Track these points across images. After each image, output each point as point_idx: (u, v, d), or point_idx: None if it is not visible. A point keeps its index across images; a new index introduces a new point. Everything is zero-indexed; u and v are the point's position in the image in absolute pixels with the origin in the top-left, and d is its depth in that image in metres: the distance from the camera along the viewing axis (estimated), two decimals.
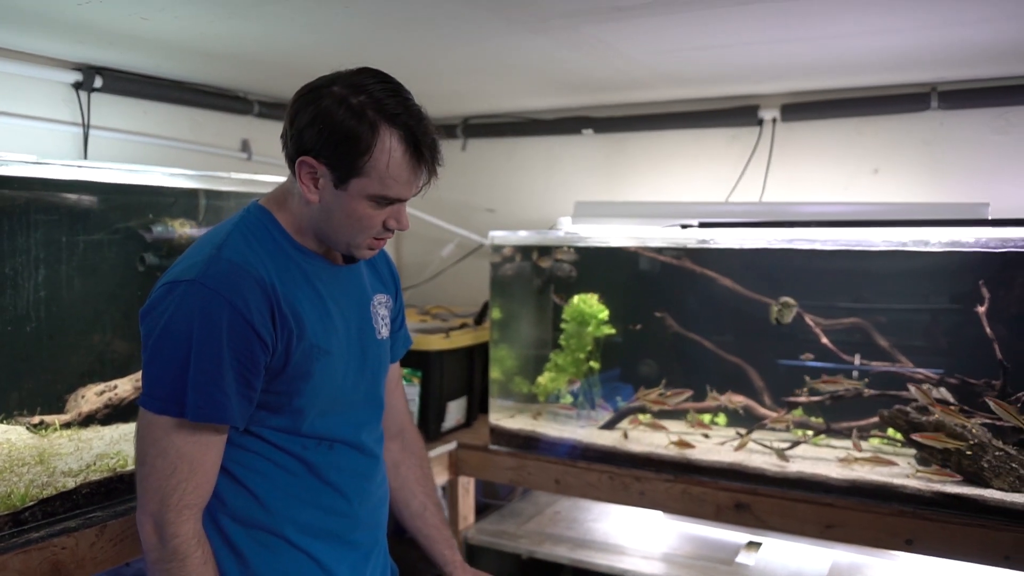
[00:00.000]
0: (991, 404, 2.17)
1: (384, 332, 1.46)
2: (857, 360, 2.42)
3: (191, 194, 2.22)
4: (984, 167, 2.67)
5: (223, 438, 1.26)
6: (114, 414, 1.97)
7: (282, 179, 1.41)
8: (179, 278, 1.22)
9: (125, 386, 1.98)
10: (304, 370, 1.29)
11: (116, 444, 1.88)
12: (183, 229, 2.15)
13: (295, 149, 1.25)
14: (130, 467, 1.84)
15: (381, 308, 1.46)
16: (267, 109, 3.08)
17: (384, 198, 1.26)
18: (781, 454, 2.35)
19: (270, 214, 1.33)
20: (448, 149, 3.67)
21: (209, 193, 2.23)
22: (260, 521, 1.32)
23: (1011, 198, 2.57)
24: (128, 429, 1.95)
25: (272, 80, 2.84)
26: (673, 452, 2.42)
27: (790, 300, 2.42)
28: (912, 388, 2.22)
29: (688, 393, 2.58)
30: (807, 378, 2.43)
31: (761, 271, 2.65)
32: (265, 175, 2.29)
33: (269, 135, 3.15)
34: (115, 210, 2.06)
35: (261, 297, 1.23)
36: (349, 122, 1.21)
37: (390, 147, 1.22)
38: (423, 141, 1.25)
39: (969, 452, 2.09)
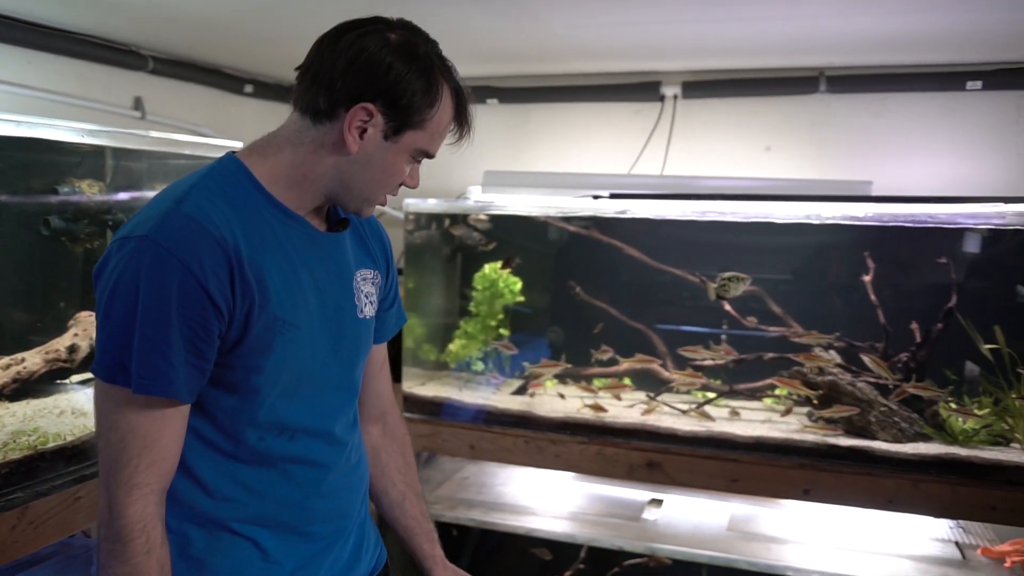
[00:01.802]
0: (865, 360, 2.39)
1: (368, 311, 1.33)
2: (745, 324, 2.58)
3: (98, 153, 2.09)
4: (866, 147, 2.90)
5: (182, 412, 1.14)
6: (23, 389, 1.85)
7: (181, 137, 1.29)
8: (131, 233, 1.10)
9: (34, 359, 1.86)
10: (264, 343, 1.16)
11: (32, 420, 1.77)
12: (91, 191, 2.03)
13: (347, 94, 1.14)
14: (51, 444, 1.74)
15: (366, 284, 1.33)
16: (162, 65, 2.92)
17: (425, 153, 1.22)
18: (704, 414, 2.49)
19: (244, 168, 1.19)
20: None
21: (118, 152, 2.10)
22: (202, 507, 1.20)
23: (890, 177, 2.79)
24: (41, 404, 1.84)
25: (169, 34, 2.70)
26: (587, 415, 2.51)
27: (740, 274, 2.45)
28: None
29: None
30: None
31: (666, 241, 2.78)
32: (182, 135, 2.19)
33: (165, 93, 3.00)
34: (13, 169, 1.93)
35: (220, 258, 1.10)
36: (424, 70, 1.15)
37: (445, 103, 1.19)
38: (468, 102, 1.23)
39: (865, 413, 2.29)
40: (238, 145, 2.23)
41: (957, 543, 2.45)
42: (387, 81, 1.13)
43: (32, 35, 2.49)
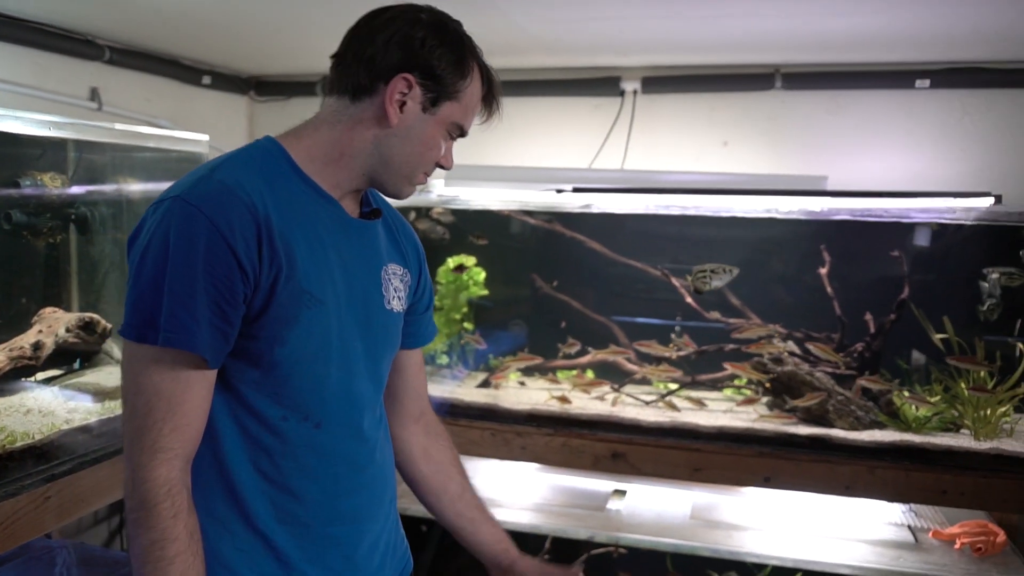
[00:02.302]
0: (811, 348, 2.47)
1: (396, 305, 1.32)
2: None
3: (59, 145, 2.05)
4: (821, 143, 2.98)
5: (207, 377, 1.13)
6: None
7: (146, 130, 1.29)
8: (163, 197, 1.12)
9: None
10: (289, 314, 1.16)
11: None
12: (54, 184, 1.99)
13: (387, 67, 1.18)
14: (19, 443, 1.70)
15: (395, 279, 1.33)
16: (119, 56, 2.86)
17: (459, 128, 1.25)
18: (671, 404, 2.53)
19: (280, 147, 1.21)
20: (308, 108, 3.59)
21: (80, 144, 2.07)
22: (220, 496, 1.18)
23: (844, 171, 2.88)
24: (6, 403, 1.81)
25: (127, 24, 2.65)
26: (554, 407, 2.54)
27: (728, 267, 2.46)
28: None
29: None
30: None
31: (627, 235, 2.83)
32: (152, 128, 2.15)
33: (122, 84, 2.94)
34: None
35: (249, 223, 1.11)
36: (455, 44, 1.21)
37: (476, 77, 1.24)
38: (496, 81, 1.28)
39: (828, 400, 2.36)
40: (202, 137, 2.22)
41: (910, 527, 2.54)
42: (423, 52, 1.18)
43: None
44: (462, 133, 1.27)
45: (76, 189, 2.09)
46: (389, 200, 1.39)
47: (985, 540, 2.33)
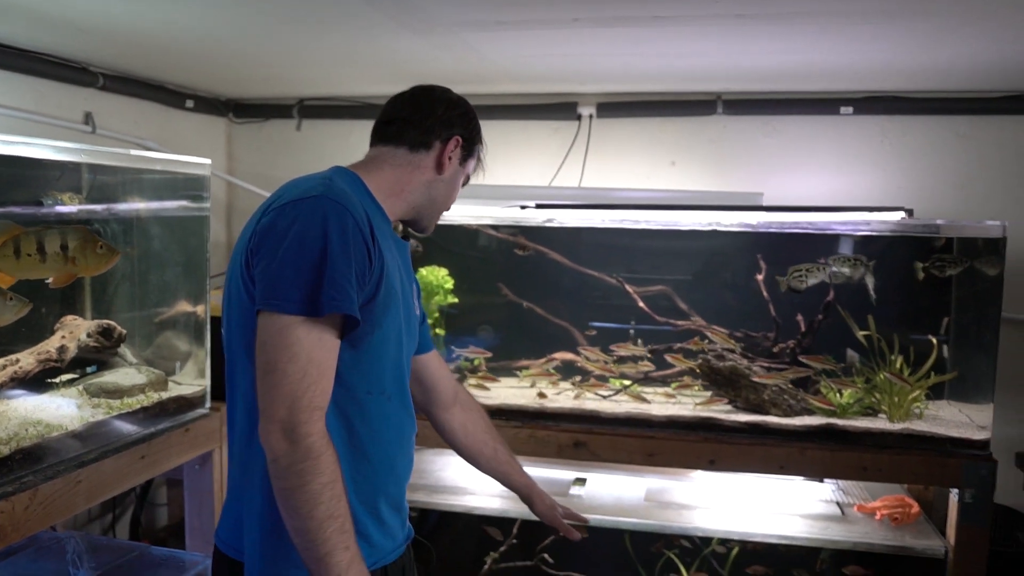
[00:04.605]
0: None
1: (416, 312, 1.61)
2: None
3: (75, 168, 2.26)
4: (758, 163, 3.30)
5: (339, 346, 1.35)
6: (16, 387, 2.02)
7: (132, 152, 1.53)
8: (304, 196, 1.34)
9: (28, 359, 2.03)
10: (386, 303, 1.40)
11: (33, 413, 1.94)
12: (72, 203, 2.20)
13: (446, 127, 1.53)
14: (54, 433, 1.91)
15: (415, 290, 1.63)
16: (111, 82, 3.07)
17: (467, 180, 1.64)
18: (640, 397, 2.82)
19: (358, 177, 1.49)
20: (282, 129, 3.82)
21: (94, 167, 2.28)
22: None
23: (779, 189, 3.20)
24: (36, 401, 2.01)
25: (119, 53, 2.85)
26: (522, 402, 2.80)
27: (819, 265, 2.71)
28: (710, 333, 2.80)
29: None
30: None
31: (586, 247, 3.11)
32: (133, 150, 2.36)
33: (113, 108, 3.15)
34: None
35: (366, 224, 1.36)
36: (477, 121, 1.60)
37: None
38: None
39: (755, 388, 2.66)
40: (204, 160, 2.45)
41: (837, 502, 2.85)
42: (468, 123, 1.57)
43: None
44: (466, 181, 1.66)
45: (94, 206, 2.29)
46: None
47: (902, 511, 2.65)
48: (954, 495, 2.45)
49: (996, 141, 3.14)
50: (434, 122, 1.53)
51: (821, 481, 3.00)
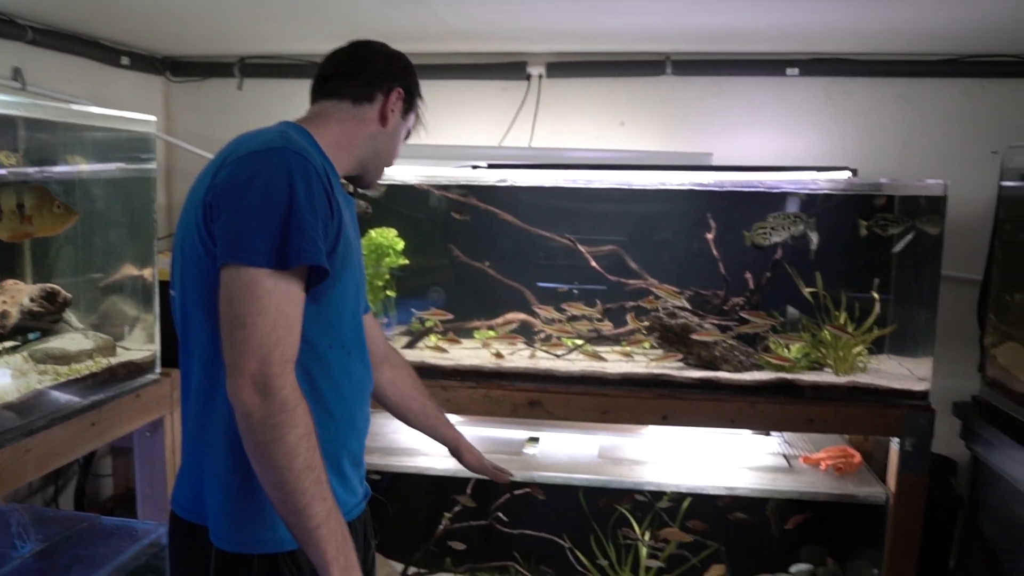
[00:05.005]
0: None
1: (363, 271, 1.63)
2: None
3: (9, 123, 2.15)
4: (706, 123, 3.33)
5: (304, 300, 1.33)
6: None
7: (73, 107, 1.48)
8: (264, 147, 1.32)
9: None
10: (344, 257, 1.40)
11: None
12: (9, 162, 2.11)
13: (386, 79, 1.54)
14: None
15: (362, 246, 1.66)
16: (41, 36, 2.93)
17: (408, 134, 1.63)
18: (597, 355, 2.84)
19: (307, 131, 1.46)
20: (223, 89, 3.71)
21: (31, 123, 2.17)
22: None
23: (728, 149, 3.24)
24: None
25: (49, 4, 2.72)
26: (476, 362, 2.80)
27: (790, 218, 2.72)
28: (655, 289, 2.83)
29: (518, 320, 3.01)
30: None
31: (537, 207, 3.11)
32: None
33: (44, 64, 3.01)
34: None
35: (326, 176, 1.36)
36: (414, 69, 1.61)
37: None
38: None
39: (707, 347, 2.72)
40: (150, 118, 2.37)
41: (784, 455, 2.94)
42: (407, 75, 1.57)
43: None
44: (407, 136, 1.66)
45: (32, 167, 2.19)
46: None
47: (844, 461, 2.74)
48: (895, 444, 2.55)
49: (934, 103, 3.22)
50: (375, 75, 1.54)
51: (768, 435, 3.09)
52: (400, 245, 3.12)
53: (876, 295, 2.75)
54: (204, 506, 1.41)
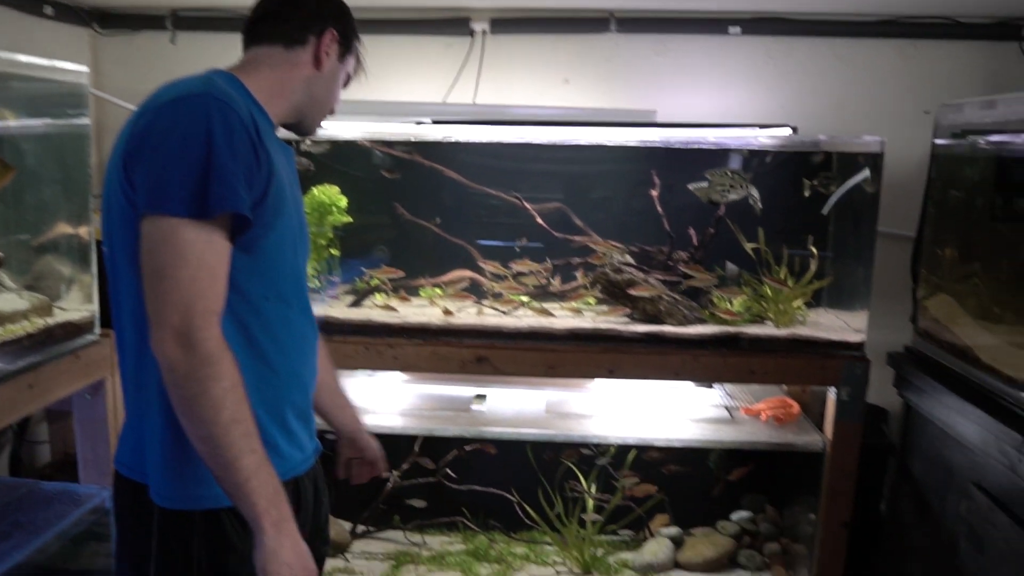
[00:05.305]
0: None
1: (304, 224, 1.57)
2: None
3: None
4: (649, 81, 3.35)
5: (229, 249, 1.29)
6: None
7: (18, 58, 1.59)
8: (184, 94, 1.27)
9: None
10: (276, 206, 1.36)
11: None
12: None
13: (318, 19, 1.48)
14: None
15: (301, 197, 1.57)
16: None
17: (348, 80, 1.58)
18: (543, 311, 2.86)
19: (237, 79, 1.40)
20: (155, 42, 3.58)
21: None
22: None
23: (670, 107, 3.26)
24: None
25: None
26: (423, 319, 2.80)
27: (741, 179, 2.73)
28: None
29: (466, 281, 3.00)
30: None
31: (482, 165, 3.10)
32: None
33: None
34: None
35: (251, 124, 1.31)
36: (349, 11, 1.55)
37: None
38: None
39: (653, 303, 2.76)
40: (82, 68, 2.27)
41: (726, 407, 3.01)
42: (342, 16, 1.51)
43: None
44: (347, 82, 1.61)
45: None
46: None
47: (784, 412, 2.83)
48: (832, 393, 2.64)
49: (870, 63, 3.29)
50: (307, 16, 1.49)
51: (711, 387, 3.16)
52: (343, 202, 3.07)
53: (814, 250, 2.82)
54: (146, 463, 1.39)
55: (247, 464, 1.25)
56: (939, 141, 2.85)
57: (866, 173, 2.66)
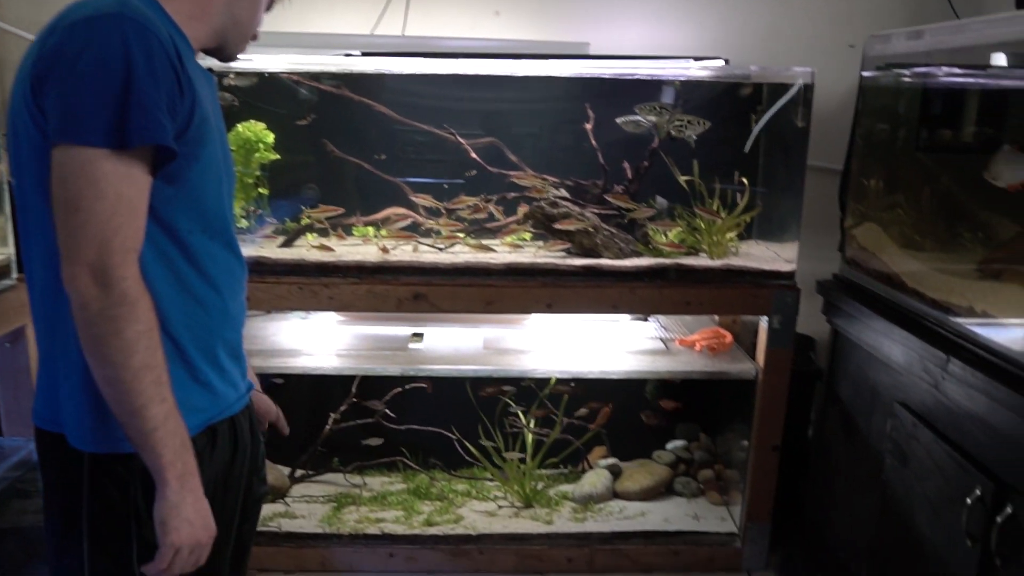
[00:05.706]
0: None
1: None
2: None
3: None
4: (582, 13, 3.29)
5: (150, 182, 1.22)
6: None
7: None
8: (97, 13, 1.15)
9: None
10: (201, 134, 1.29)
11: None
12: None
13: None
14: None
15: (225, 127, 1.48)
16: None
17: (271, 3, 1.47)
18: (481, 246, 2.84)
19: (156, 3, 1.28)
20: None
21: None
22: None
23: (603, 40, 3.22)
24: None
25: None
26: (358, 258, 2.73)
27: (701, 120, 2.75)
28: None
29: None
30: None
31: (413, 99, 3.02)
32: None
33: None
34: None
35: (172, 48, 1.22)
36: None
37: None
38: None
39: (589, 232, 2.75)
40: None
41: (662, 339, 3.06)
42: None
43: None
44: (271, 3, 1.49)
45: None
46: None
47: (718, 342, 2.88)
48: (764, 322, 2.69)
49: None
50: None
51: (646, 320, 3.20)
52: (270, 138, 2.97)
53: (745, 182, 2.85)
54: (61, 412, 1.31)
55: (155, 413, 1.20)
56: (866, 73, 2.89)
57: (793, 91, 2.70)
